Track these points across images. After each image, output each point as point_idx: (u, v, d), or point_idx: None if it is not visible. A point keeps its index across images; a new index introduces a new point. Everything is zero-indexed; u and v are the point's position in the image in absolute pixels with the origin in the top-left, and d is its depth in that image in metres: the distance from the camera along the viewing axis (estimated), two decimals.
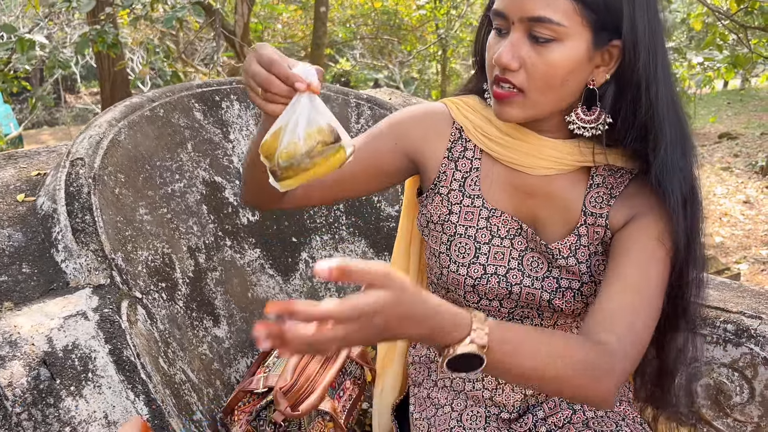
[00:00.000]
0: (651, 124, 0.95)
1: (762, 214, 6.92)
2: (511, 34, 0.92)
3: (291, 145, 0.80)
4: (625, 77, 0.95)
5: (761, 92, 13.09)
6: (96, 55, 7.79)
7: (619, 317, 0.91)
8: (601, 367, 0.86)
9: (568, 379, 0.85)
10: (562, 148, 1.02)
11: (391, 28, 11.23)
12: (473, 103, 1.10)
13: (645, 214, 0.99)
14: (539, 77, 0.92)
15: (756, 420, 1.26)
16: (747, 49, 3.39)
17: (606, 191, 1.04)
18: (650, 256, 0.96)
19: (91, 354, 0.99)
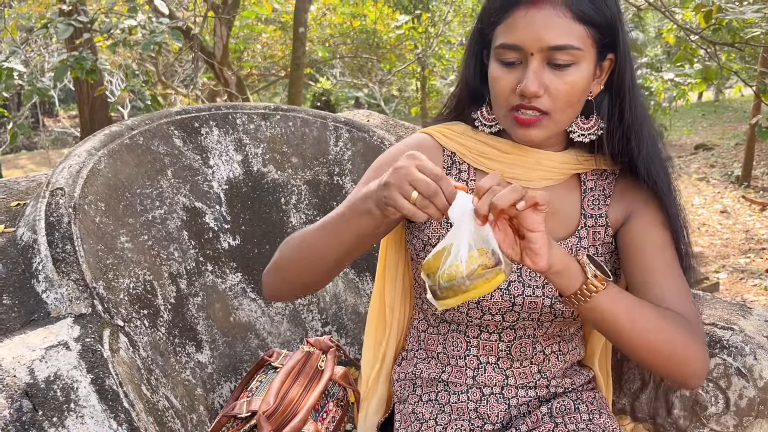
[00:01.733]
0: (635, 125, 1.07)
1: (739, 223, 7.04)
2: (530, 63, 0.99)
3: (453, 268, 0.84)
4: (615, 86, 1.07)
5: (734, 103, 13.36)
6: (74, 79, 7.77)
7: (679, 300, 1.04)
8: (697, 336, 1.02)
9: (677, 340, 0.99)
10: (558, 159, 1.11)
11: (370, 47, 11.33)
12: (461, 129, 1.15)
13: (644, 208, 1.10)
14: (562, 99, 1.00)
15: (732, 429, 1.29)
16: (717, 63, 3.48)
17: (600, 193, 1.14)
18: (663, 242, 1.08)
19: (74, 384, 1.00)
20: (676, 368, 1.02)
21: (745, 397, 1.26)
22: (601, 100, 1.08)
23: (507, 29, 1.00)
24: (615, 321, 0.97)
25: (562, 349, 1.17)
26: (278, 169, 1.66)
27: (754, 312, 1.38)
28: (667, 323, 0.99)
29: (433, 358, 1.20)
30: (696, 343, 1.02)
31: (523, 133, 1.03)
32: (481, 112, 1.13)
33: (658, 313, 0.99)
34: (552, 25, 0.97)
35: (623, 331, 0.98)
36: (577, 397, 1.17)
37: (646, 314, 0.98)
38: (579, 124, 1.09)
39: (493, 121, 1.12)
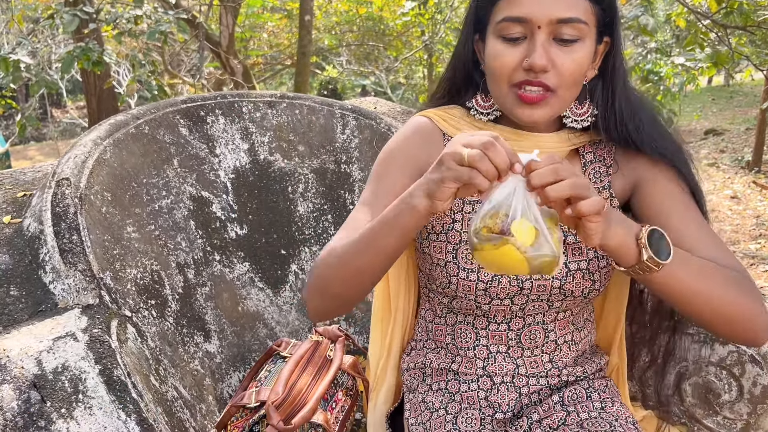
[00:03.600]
0: (632, 108, 1.05)
1: (749, 208, 6.98)
2: (537, 37, 0.97)
3: (471, 221, 0.83)
4: (610, 70, 1.05)
5: (745, 88, 13.22)
6: (81, 70, 7.77)
7: (717, 249, 1.02)
8: (755, 289, 0.99)
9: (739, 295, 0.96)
10: (555, 138, 1.10)
11: (377, 34, 11.26)
12: (459, 114, 1.14)
13: (655, 174, 1.08)
14: (569, 75, 0.98)
15: (745, 417, 1.27)
16: (727, 47, 3.43)
17: (600, 164, 1.12)
18: (688, 203, 1.06)
19: (81, 375, 0.99)
20: (742, 328, 0.98)
21: (759, 384, 1.25)
22: (594, 85, 1.07)
23: (510, 2, 0.97)
24: (677, 293, 0.94)
25: (574, 338, 1.16)
26: (285, 158, 1.64)
27: (767, 299, 1.35)
28: (729, 285, 0.95)
29: (443, 349, 1.19)
30: (757, 299, 0.98)
31: (527, 112, 1.01)
32: (476, 100, 1.11)
33: (720, 276, 0.95)
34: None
35: (686, 300, 0.95)
36: (589, 385, 1.16)
37: (709, 281, 0.94)
38: (573, 109, 1.07)
39: (489, 108, 1.10)
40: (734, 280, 0.97)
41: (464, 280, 1.09)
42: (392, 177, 1.11)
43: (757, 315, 0.97)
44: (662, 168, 1.08)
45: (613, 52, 1.04)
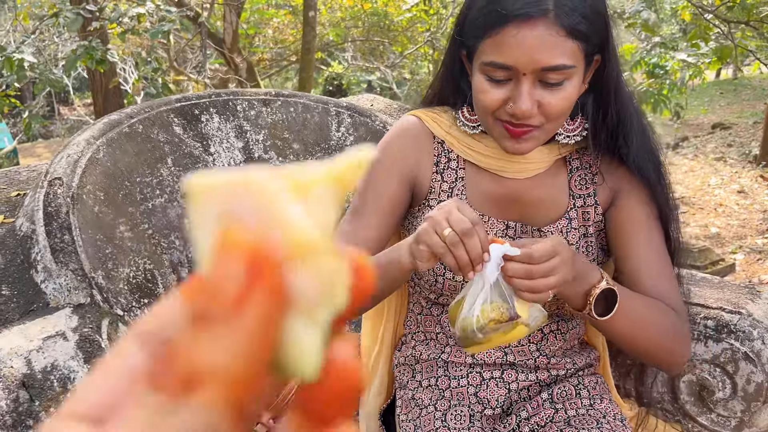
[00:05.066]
0: (623, 122, 1.04)
1: (756, 203, 6.93)
2: (522, 84, 0.95)
3: (466, 321, 0.87)
4: (602, 85, 1.04)
5: (753, 81, 13.12)
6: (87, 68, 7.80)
7: (664, 281, 1.06)
8: (684, 330, 1.04)
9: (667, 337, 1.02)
10: (543, 152, 1.09)
11: (382, 30, 11.24)
12: (449, 119, 1.14)
13: (631, 192, 1.09)
14: (556, 113, 0.97)
15: (739, 415, 1.27)
16: (731, 42, 3.41)
17: (586, 171, 1.12)
18: (651, 228, 1.08)
19: (70, 374, 1.00)
20: (665, 359, 1.06)
21: (753, 382, 1.24)
22: (585, 100, 1.06)
23: (496, 47, 0.95)
24: (612, 337, 1.04)
25: (560, 328, 1.16)
26: (280, 156, 1.65)
27: (762, 295, 1.35)
28: (662, 332, 1.02)
29: (432, 339, 1.19)
30: (683, 336, 1.05)
31: (513, 145, 1.01)
32: (462, 113, 1.11)
33: (656, 325, 1.02)
34: (545, 45, 0.92)
35: (618, 342, 1.04)
36: (578, 381, 1.16)
37: (644, 331, 1.01)
38: (564, 126, 1.07)
39: (475, 122, 1.10)
40: (667, 324, 1.02)
41: (450, 280, 1.09)
42: (380, 184, 1.12)
43: (677, 355, 1.05)
44: (637, 186, 1.08)
45: (606, 67, 1.01)
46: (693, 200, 7.33)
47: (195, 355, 0.18)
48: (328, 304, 0.20)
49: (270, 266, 0.19)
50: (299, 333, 0.19)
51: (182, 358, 0.18)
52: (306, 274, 0.20)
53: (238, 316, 0.18)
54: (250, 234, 0.19)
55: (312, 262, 0.20)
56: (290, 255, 0.19)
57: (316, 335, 0.20)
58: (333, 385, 0.20)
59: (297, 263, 0.19)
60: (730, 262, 4.96)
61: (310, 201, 0.21)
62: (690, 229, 6.36)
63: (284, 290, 0.19)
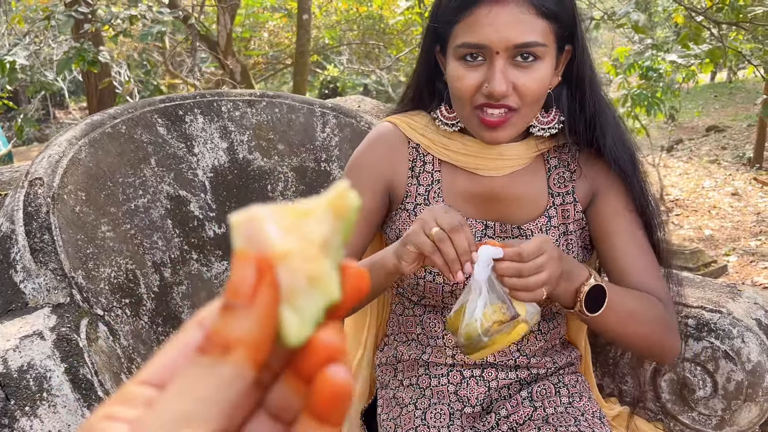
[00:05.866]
0: (598, 113, 1.06)
1: (750, 205, 6.95)
2: (496, 62, 0.96)
3: (470, 327, 0.89)
4: (574, 77, 1.06)
5: (747, 84, 13.16)
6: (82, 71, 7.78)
7: (649, 276, 1.07)
8: (672, 321, 1.07)
9: (657, 329, 1.04)
10: (520, 147, 1.10)
11: (377, 33, 11.25)
12: (424, 122, 1.14)
13: (609, 189, 1.11)
14: (530, 94, 0.98)
15: (720, 413, 1.27)
16: (721, 44, 3.42)
17: (564, 169, 1.13)
18: (633, 223, 1.09)
19: (47, 374, 1.00)
20: (657, 351, 1.07)
21: (733, 380, 1.24)
22: (559, 92, 1.08)
23: (468, 28, 0.97)
24: (603, 332, 1.05)
25: (541, 328, 1.16)
26: (264, 156, 1.65)
27: (743, 294, 1.35)
28: (652, 324, 1.03)
29: (413, 340, 1.20)
30: (672, 328, 1.06)
31: (490, 135, 1.02)
32: (440, 111, 1.12)
33: (645, 317, 1.03)
34: (517, 23, 0.94)
35: (610, 336, 1.06)
36: (558, 380, 1.16)
37: (634, 325, 1.02)
38: (539, 118, 1.08)
39: (453, 119, 1.10)
40: (656, 317, 1.04)
41: (431, 282, 1.10)
42: (359, 192, 1.13)
43: (668, 346, 1.07)
44: (616, 181, 1.10)
45: (576, 58, 1.04)
46: (687, 202, 7.34)
47: (227, 330, 0.27)
48: (313, 295, 0.28)
49: (266, 269, 0.27)
50: (286, 313, 0.27)
51: (219, 333, 0.27)
52: (285, 272, 0.28)
53: (252, 303, 0.27)
54: (253, 249, 0.28)
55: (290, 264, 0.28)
56: (276, 260, 0.28)
57: (299, 315, 0.28)
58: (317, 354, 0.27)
59: (281, 266, 0.28)
60: (722, 264, 4.97)
61: (310, 222, 0.29)
62: (684, 231, 6.38)
63: (277, 284, 0.28)
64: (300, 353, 0.28)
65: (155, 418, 0.26)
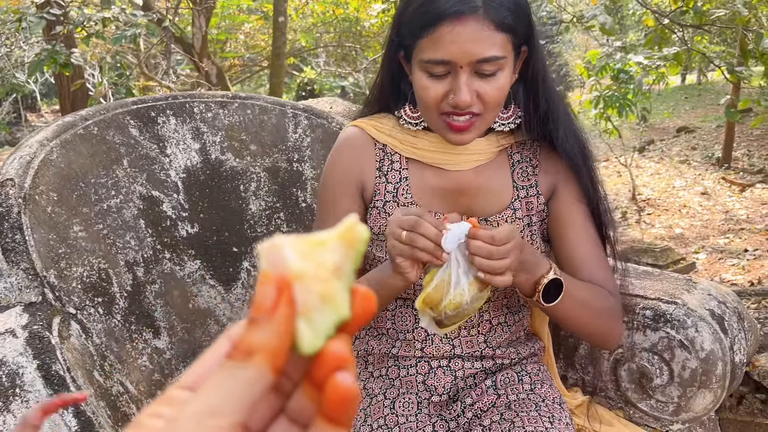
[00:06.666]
0: (551, 108, 1.12)
1: (719, 204, 7.11)
2: (460, 76, 1.02)
3: (458, 296, 0.94)
4: (530, 75, 1.12)
5: (717, 86, 13.43)
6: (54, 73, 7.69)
7: (599, 269, 1.14)
8: (618, 311, 1.14)
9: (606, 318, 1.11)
10: (484, 143, 1.16)
11: (354, 36, 11.28)
12: (391, 123, 1.20)
13: (565, 183, 1.17)
14: (493, 101, 1.04)
15: (676, 400, 1.33)
16: (686, 46, 3.51)
17: (527, 164, 1.19)
18: (585, 216, 1.16)
19: (19, 370, 1.01)
20: (601, 342, 1.17)
21: (688, 368, 1.30)
22: (516, 89, 1.14)
23: (433, 44, 1.02)
24: (556, 319, 1.12)
25: (507, 320, 1.21)
26: (237, 157, 1.67)
27: (698, 286, 1.41)
28: (601, 314, 1.10)
29: (384, 335, 1.23)
30: (617, 316, 1.14)
31: (457, 138, 1.08)
32: (404, 111, 1.17)
33: (595, 307, 1.10)
34: (478, 39, 0.99)
35: (562, 323, 1.13)
36: (521, 368, 1.20)
37: (585, 313, 1.09)
38: (499, 114, 1.14)
39: (417, 119, 1.16)
40: (605, 307, 1.11)
41: None
42: (332, 199, 1.20)
43: (615, 334, 1.15)
44: (569, 175, 1.16)
45: (532, 58, 1.10)
46: (658, 202, 7.49)
47: (251, 338, 0.31)
48: (325, 312, 0.32)
49: (285, 287, 0.32)
50: (301, 326, 0.32)
51: (245, 340, 0.31)
52: (301, 291, 0.32)
53: (272, 316, 0.31)
54: (274, 271, 0.32)
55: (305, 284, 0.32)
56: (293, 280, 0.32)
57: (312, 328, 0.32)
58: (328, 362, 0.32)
59: (296, 285, 0.32)
60: (691, 261, 5.08)
61: (324, 250, 0.34)
62: (655, 230, 6.51)
63: (293, 300, 0.32)
64: (313, 362, 0.32)
65: (187, 412, 0.30)
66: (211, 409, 0.30)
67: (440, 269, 0.96)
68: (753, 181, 7.56)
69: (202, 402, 0.30)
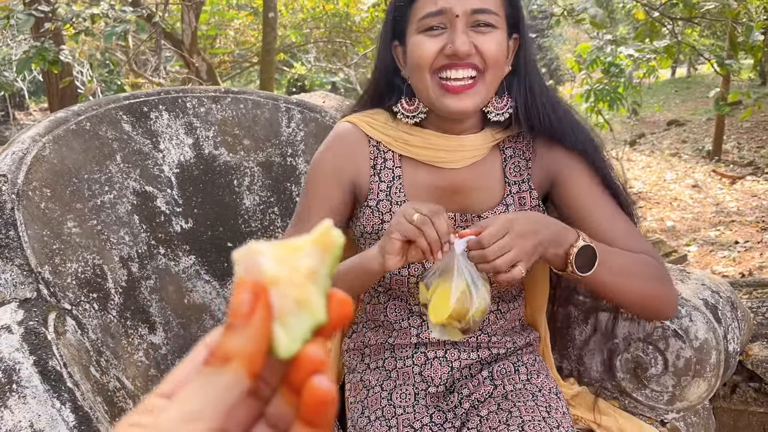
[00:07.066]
0: (549, 96, 1.13)
1: (709, 196, 7.15)
2: (456, 25, 1.03)
3: (482, 302, 0.96)
4: (523, 64, 1.12)
5: (706, 79, 13.50)
6: (42, 71, 7.63)
7: (632, 238, 1.11)
8: (665, 274, 1.11)
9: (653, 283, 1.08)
10: (478, 138, 1.15)
11: (344, 31, 11.25)
12: (384, 119, 1.18)
13: (573, 168, 1.15)
14: (492, 56, 1.04)
15: (671, 389, 1.34)
16: (676, 39, 3.52)
17: (520, 158, 1.18)
18: (602, 193, 1.14)
19: (15, 366, 1.01)
20: (654, 310, 1.12)
21: (683, 357, 1.31)
22: (510, 81, 1.14)
23: (427, 1, 1.04)
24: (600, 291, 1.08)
25: (501, 308, 1.21)
26: (230, 152, 1.67)
27: (692, 276, 1.42)
28: (645, 278, 1.07)
29: (380, 326, 1.23)
30: (666, 280, 1.10)
31: (455, 103, 1.06)
32: (401, 104, 1.15)
33: (638, 272, 1.06)
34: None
35: (608, 295, 1.09)
36: (517, 359, 1.21)
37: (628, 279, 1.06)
38: (494, 104, 1.13)
39: (414, 111, 1.14)
40: (649, 271, 1.07)
41: (396, 275, 1.14)
42: (321, 192, 1.18)
43: (666, 299, 1.10)
44: (577, 161, 1.14)
45: (524, 48, 1.11)
46: (650, 195, 7.53)
47: (227, 344, 0.31)
48: (301, 316, 0.32)
49: (261, 292, 0.32)
50: (277, 330, 0.32)
51: (221, 347, 0.31)
52: (277, 296, 0.32)
53: (248, 321, 0.31)
54: (249, 277, 0.32)
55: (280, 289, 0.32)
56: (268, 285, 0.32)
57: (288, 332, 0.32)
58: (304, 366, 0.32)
59: (272, 290, 0.32)
60: (682, 254, 5.11)
61: (299, 255, 0.34)
62: (647, 223, 6.54)
63: (269, 305, 0.32)
64: (291, 367, 0.32)
65: (164, 418, 0.30)
66: (187, 416, 0.30)
67: (451, 283, 0.97)
68: (743, 174, 7.62)
69: (179, 408, 0.31)
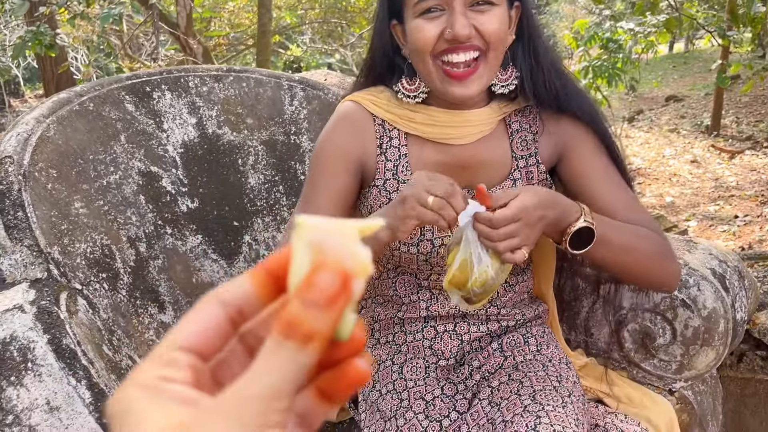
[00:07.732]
0: (555, 63, 1.11)
1: (708, 171, 7.15)
2: (455, 7, 1.01)
3: (483, 274, 0.95)
4: (527, 31, 1.10)
5: (704, 54, 13.43)
6: (37, 56, 7.58)
7: (635, 211, 1.12)
8: (668, 248, 1.11)
9: (656, 258, 1.08)
10: (485, 112, 1.13)
11: (339, 11, 11.16)
12: (387, 96, 1.16)
13: (579, 139, 1.15)
14: (493, 35, 1.02)
15: (679, 358, 1.35)
16: (678, 12, 3.50)
17: (526, 132, 1.17)
18: (608, 166, 1.14)
19: (30, 345, 1.01)
20: (658, 281, 1.13)
21: (691, 326, 1.32)
22: (514, 50, 1.12)
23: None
24: (600, 265, 1.11)
25: (510, 281, 1.21)
26: (234, 131, 1.66)
27: (699, 246, 1.42)
28: (647, 252, 1.08)
29: (389, 301, 1.24)
30: (668, 254, 1.11)
31: (459, 90, 1.05)
32: (401, 84, 1.13)
33: (639, 246, 1.07)
34: None
35: (609, 269, 1.11)
36: (526, 331, 1.22)
37: (629, 254, 1.07)
38: (498, 76, 1.11)
39: (415, 90, 1.12)
40: (651, 246, 1.08)
41: (405, 253, 1.14)
42: (328, 173, 1.15)
43: (668, 273, 1.11)
44: (583, 132, 1.14)
45: (527, 15, 1.09)
46: (649, 171, 7.52)
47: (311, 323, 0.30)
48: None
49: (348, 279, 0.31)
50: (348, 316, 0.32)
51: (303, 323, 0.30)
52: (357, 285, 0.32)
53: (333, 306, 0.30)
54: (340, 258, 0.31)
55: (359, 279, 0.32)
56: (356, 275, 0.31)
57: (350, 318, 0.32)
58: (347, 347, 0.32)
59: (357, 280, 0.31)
60: (682, 229, 5.12)
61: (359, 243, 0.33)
62: (646, 198, 6.54)
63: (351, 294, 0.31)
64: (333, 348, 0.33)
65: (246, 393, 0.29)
66: (275, 392, 0.29)
67: (459, 249, 0.97)
68: (742, 148, 7.61)
69: (264, 383, 0.29)
